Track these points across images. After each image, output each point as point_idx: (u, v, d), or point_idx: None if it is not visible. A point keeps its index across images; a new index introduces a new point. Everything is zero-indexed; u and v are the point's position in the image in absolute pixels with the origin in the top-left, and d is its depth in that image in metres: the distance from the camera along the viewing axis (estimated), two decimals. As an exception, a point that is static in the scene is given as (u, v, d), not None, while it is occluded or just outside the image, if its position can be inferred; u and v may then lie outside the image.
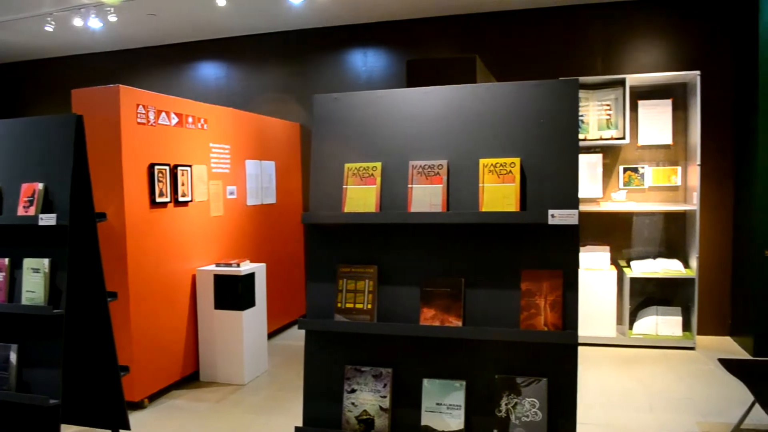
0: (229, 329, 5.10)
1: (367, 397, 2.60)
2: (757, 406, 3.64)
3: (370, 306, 2.58)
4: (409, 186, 2.53)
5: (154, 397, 4.78)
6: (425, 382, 2.55)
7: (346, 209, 2.61)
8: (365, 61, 7.09)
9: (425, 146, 2.57)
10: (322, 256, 2.70)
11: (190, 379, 5.20)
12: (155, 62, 7.93)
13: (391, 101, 2.66)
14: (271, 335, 6.43)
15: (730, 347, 5.95)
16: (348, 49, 7.13)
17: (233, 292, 5.07)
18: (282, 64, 7.41)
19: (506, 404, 2.45)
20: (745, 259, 5.87)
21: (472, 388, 2.51)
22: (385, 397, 2.58)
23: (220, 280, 5.10)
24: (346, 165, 2.64)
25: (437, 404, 2.52)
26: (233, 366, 5.13)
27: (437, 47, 6.79)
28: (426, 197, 2.50)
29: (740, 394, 4.12)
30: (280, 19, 6.86)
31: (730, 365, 4.10)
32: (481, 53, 6.04)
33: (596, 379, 5.04)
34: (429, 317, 2.50)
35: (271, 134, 6.64)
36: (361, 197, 2.59)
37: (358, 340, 2.66)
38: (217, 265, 5.22)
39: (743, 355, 5.69)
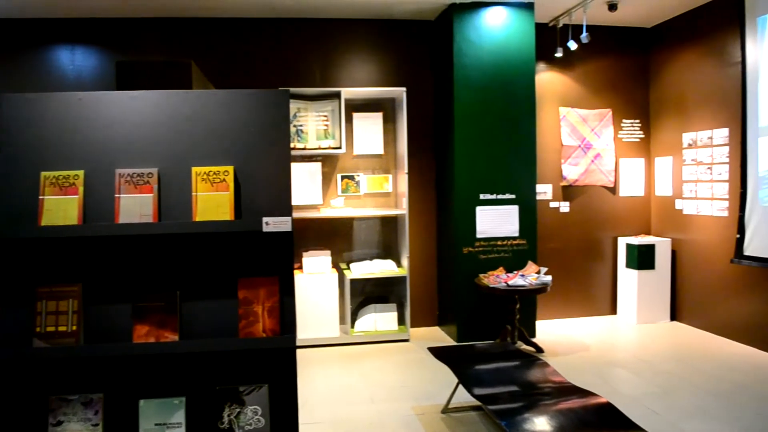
0: None
1: (76, 427, 2.38)
2: (461, 385, 4.08)
3: (75, 328, 2.36)
4: (117, 195, 2.37)
5: None
6: (142, 402, 2.41)
7: (44, 222, 2.34)
8: (73, 59, 6.49)
9: (134, 153, 2.43)
10: (15, 276, 2.40)
11: None
12: None
13: (94, 104, 2.46)
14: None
15: (439, 336, 6.60)
16: (53, 46, 6.45)
17: None
18: (-31, 58, 6.46)
19: (229, 415, 2.43)
20: (448, 256, 6.57)
21: (193, 404, 2.44)
22: (97, 425, 2.39)
23: None
24: (43, 173, 2.38)
25: (156, 425, 2.41)
26: None
27: (154, 50, 6.48)
28: (135, 207, 2.36)
29: (448, 377, 4.55)
30: (-36, 7, 5.98)
31: (437, 352, 4.56)
32: (201, 59, 5.91)
33: (322, 379, 5.23)
34: (143, 334, 2.37)
35: (-45, 138, 5.74)
36: (60, 208, 2.35)
37: (63, 366, 2.42)
38: None
39: (449, 342, 6.35)
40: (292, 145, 6.22)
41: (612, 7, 6.32)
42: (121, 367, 2.43)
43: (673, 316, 6.99)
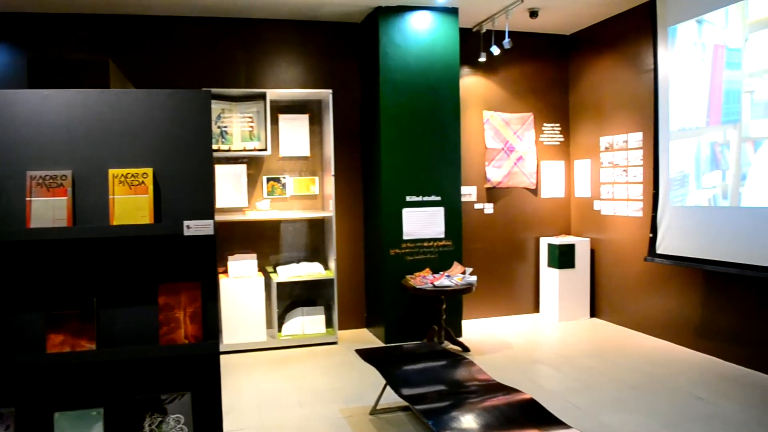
0: None
1: (-16, 443, 2.26)
2: (389, 386, 4.09)
3: (-18, 338, 2.24)
4: (28, 199, 2.26)
5: None
6: (57, 415, 2.31)
7: (-53, 228, 2.22)
8: (-19, 56, 6.16)
9: (47, 155, 2.32)
10: None
11: None
12: None
13: (4, 103, 2.34)
14: None
15: (367, 338, 6.61)
16: (-42, 41, 6.12)
17: None
18: None
19: (150, 425, 2.36)
20: (375, 258, 6.59)
21: (111, 414, 2.36)
22: (6, 440, 2.27)
23: None
24: (-54, 176, 2.26)
25: (72, 438, 2.31)
26: None
27: (70, 48, 6.22)
28: (48, 211, 2.26)
29: (376, 378, 4.56)
30: None
31: (365, 354, 4.56)
32: (120, 58, 5.74)
33: (250, 384, 5.14)
34: (57, 343, 2.27)
35: None
36: (-34, 213, 2.24)
37: (-30, 379, 2.29)
38: None
39: (377, 343, 6.36)
40: (216, 147, 6.11)
41: (533, 14, 6.50)
42: (34, 379, 2.32)
43: (593, 313, 7.25)
